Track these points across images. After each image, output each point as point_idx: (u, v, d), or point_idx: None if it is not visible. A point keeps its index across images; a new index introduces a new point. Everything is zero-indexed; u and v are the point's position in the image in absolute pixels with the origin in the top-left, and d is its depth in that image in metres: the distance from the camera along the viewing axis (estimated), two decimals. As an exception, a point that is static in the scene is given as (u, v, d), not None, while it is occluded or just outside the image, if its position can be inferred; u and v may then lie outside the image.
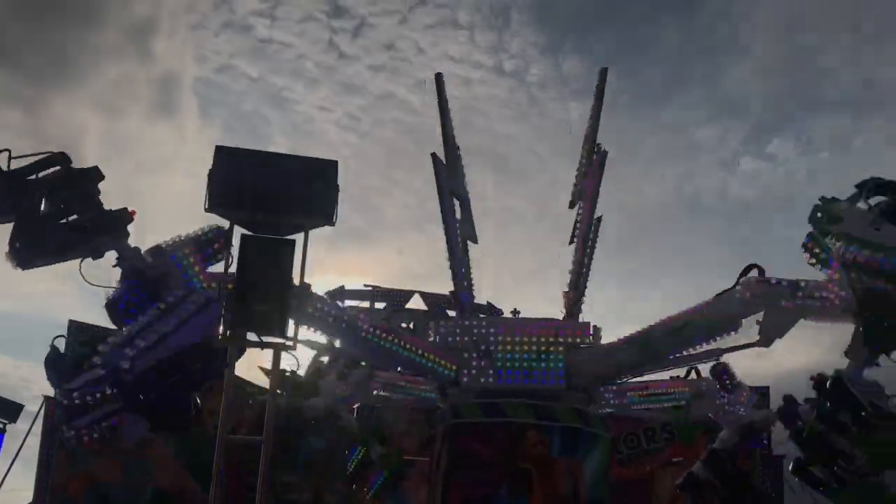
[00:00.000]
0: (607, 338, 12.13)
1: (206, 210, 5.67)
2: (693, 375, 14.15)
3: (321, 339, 10.23)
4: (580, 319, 12.36)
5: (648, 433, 22.08)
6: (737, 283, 10.96)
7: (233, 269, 5.70)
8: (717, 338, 11.20)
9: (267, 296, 5.54)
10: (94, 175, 8.57)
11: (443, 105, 12.57)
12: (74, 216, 8.40)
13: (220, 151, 5.81)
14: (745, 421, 13.83)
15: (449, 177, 12.39)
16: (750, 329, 10.86)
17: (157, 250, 8.50)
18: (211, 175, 5.60)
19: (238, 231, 5.77)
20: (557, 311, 12.72)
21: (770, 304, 10.59)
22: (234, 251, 5.69)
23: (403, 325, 21.84)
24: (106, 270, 8.67)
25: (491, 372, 11.56)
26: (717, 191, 74.83)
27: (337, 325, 10.19)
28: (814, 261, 10.63)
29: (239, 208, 5.69)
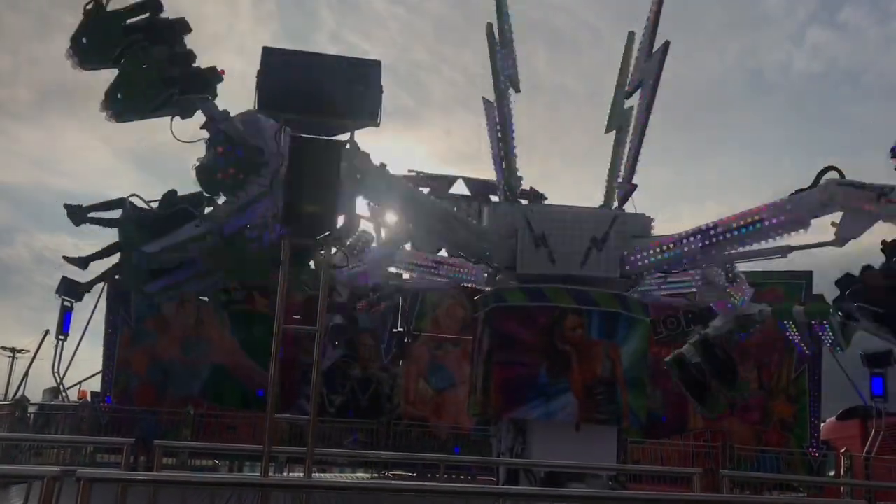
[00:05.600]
0: (659, 225, 12.37)
1: (256, 111, 5.84)
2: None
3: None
4: (630, 207, 12.45)
5: (688, 316, 22.45)
6: (815, 184, 10.78)
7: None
8: (787, 235, 11.10)
9: (316, 196, 5.75)
10: (181, 28, 8.52)
11: None
12: (166, 71, 8.35)
13: (267, 53, 5.92)
14: (742, 313, 14.27)
15: (504, 59, 12.17)
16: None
17: (249, 115, 8.30)
18: (259, 76, 5.74)
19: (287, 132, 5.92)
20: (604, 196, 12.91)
21: (852, 206, 10.47)
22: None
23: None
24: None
25: (547, 259, 11.84)
26: (781, 65, 71.85)
27: (395, 194, 10.52)
28: None
29: (286, 109, 5.84)
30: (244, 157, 8.16)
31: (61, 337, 20.81)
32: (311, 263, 7.95)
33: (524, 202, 13.97)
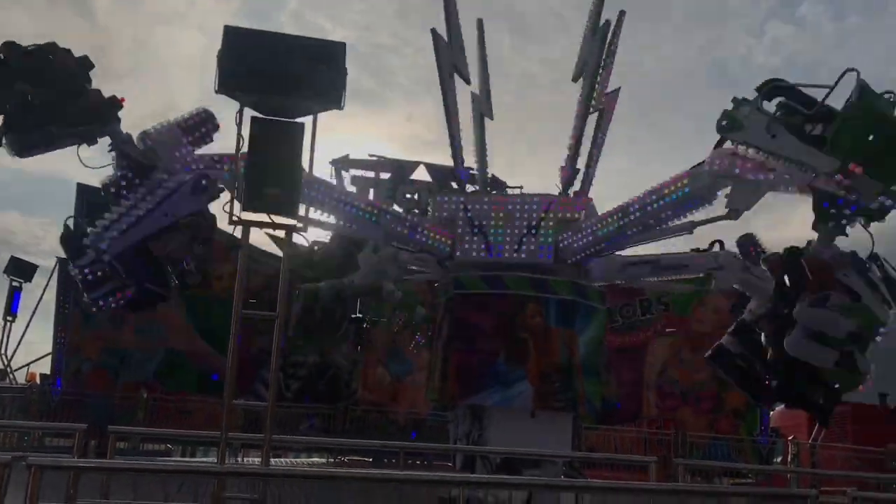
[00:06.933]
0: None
1: (217, 91, 5.73)
2: (717, 248, 12.76)
3: (330, 220, 10.43)
4: (572, 193, 12.47)
5: (644, 304, 22.77)
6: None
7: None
8: (693, 211, 10.87)
9: (277, 178, 5.67)
10: (81, 68, 8.49)
11: None
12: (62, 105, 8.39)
13: (229, 32, 5.78)
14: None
15: (451, 53, 12.18)
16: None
17: (145, 136, 8.76)
18: (220, 56, 5.62)
19: (248, 113, 5.82)
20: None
21: (739, 176, 10.09)
22: (245, 133, 5.74)
23: (408, 195, 22.00)
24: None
25: (483, 246, 11.91)
26: (741, 58, 72.98)
27: (339, 206, 10.57)
28: None
29: (248, 91, 5.74)
30: (135, 169, 8.58)
31: (9, 318, 20.41)
32: None
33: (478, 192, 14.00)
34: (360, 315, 21.23)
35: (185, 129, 8.87)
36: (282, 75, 5.68)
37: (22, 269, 20.89)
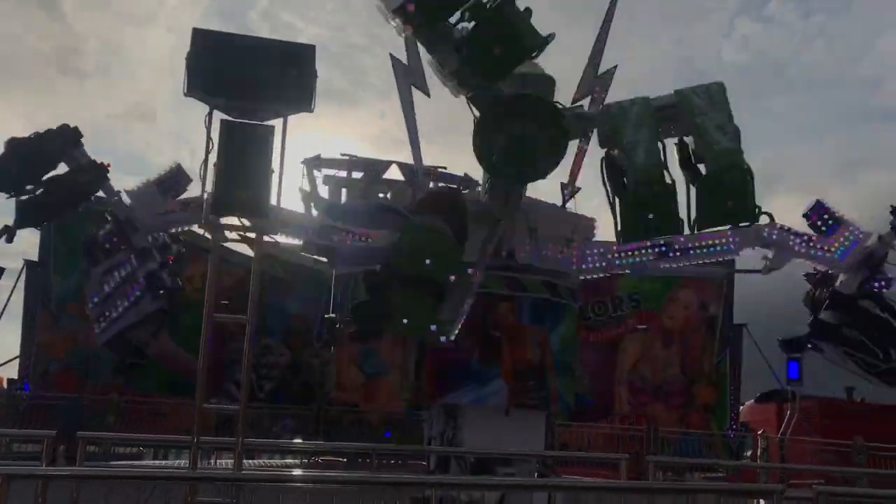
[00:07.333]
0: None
1: (186, 94, 5.70)
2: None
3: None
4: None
5: (616, 301, 22.93)
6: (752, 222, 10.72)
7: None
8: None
9: (248, 181, 5.65)
10: (67, 141, 9.01)
11: None
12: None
13: (198, 35, 5.77)
14: (861, 255, 11.52)
15: (409, 73, 12.40)
16: None
17: (128, 193, 9.76)
18: (189, 59, 5.59)
19: (218, 116, 5.79)
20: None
21: (783, 247, 10.47)
22: (215, 136, 5.71)
23: (381, 195, 21.90)
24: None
25: None
26: (711, 55, 73.62)
27: (303, 231, 10.85)
28: None
29: (217, 93, 5.73)
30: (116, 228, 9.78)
31: (-25, 322, 20.02)
32: None
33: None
34: (333, 316, 21.14)
35: (160, 185, 9.68)
36: (251, 78, 5.68)
37: (-12, 272, 20.53)
